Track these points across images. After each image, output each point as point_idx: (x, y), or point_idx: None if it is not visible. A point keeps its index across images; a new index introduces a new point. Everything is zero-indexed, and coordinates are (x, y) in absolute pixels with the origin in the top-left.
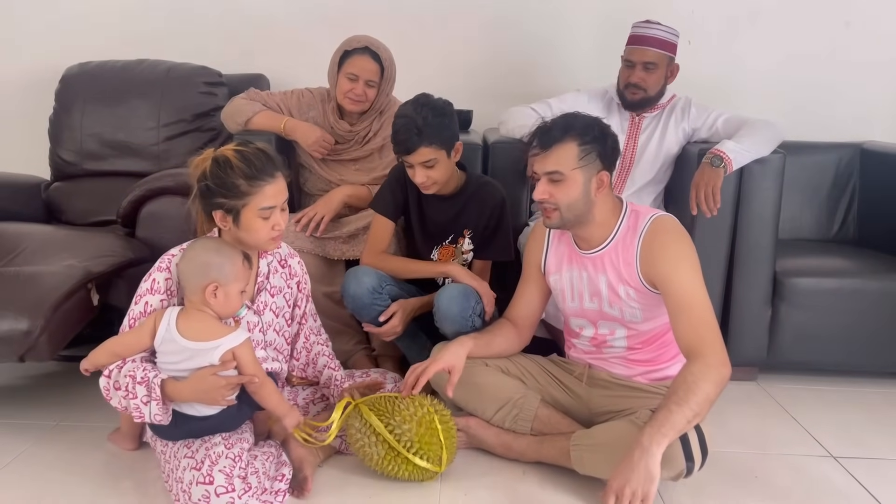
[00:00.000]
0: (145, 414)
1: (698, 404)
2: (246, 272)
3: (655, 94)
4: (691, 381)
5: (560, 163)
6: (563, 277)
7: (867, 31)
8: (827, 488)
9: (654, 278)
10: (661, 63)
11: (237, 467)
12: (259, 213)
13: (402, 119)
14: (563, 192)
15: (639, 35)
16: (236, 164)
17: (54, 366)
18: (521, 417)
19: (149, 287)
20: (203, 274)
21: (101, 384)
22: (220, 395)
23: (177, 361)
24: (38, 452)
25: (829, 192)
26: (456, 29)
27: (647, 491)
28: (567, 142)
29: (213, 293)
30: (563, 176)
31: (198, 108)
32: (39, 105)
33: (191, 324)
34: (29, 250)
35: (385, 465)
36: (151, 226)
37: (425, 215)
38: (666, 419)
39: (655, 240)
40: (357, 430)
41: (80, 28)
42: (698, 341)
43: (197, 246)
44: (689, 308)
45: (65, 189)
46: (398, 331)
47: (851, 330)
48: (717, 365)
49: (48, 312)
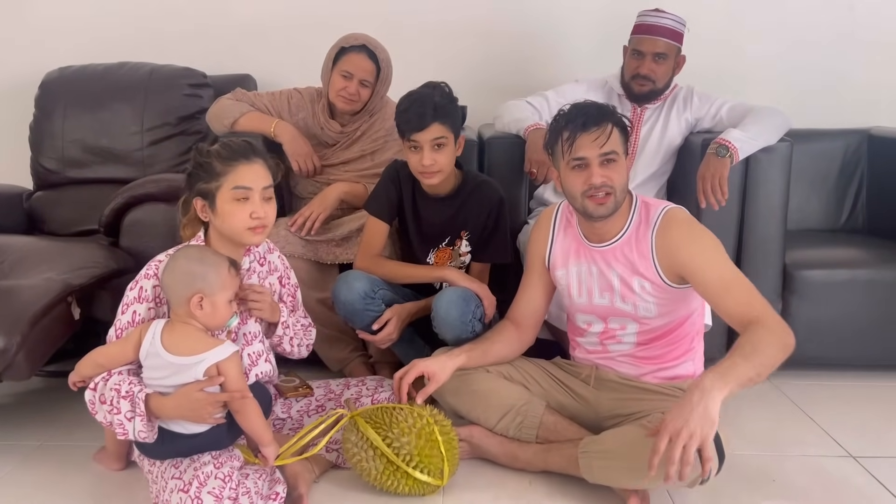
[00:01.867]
0: (129, 430)
1: (762, 365)
2: (233, 280)
3: (663, 85)
4: (757, 342)
5: (613, 143)
6: (571, 272)
7: (871, 13)
8: (847, 490)
9: (679, 270)
10: (670, 53)
11: (227, 488)
12: (232, 193)
13: (413, 96)
14: (618, 173)
15: (649, 24)
16: (215, 149)
17: (36, 383)
18: (526, 425)
19: (136, 295)
20: (187, 284)
21: (87, 397)
22: (206, 412)
23: (162, 377)
24: (22, 475)
25: (837, 180)
26: (449, 23)
27: (705, 434)
28: (612, 125)
29: (198, 304)
30: (618, 156)
31: (182, 110)
32: (19, 112)
33: (175, 338)
34: (7, 263)
35: (384, 480)
36: (135, 234)
37: (421, 216)
38: (730, 368)
39: (672, 231)
40: (354, 444)
41: (59, 32)
42: (753, 313)
43: (179, 255)
44: (731, 285)
45: (47, 198)
46: (393, 337)
47: (866, 323)
48: (781, 332)
49: (25, 328)
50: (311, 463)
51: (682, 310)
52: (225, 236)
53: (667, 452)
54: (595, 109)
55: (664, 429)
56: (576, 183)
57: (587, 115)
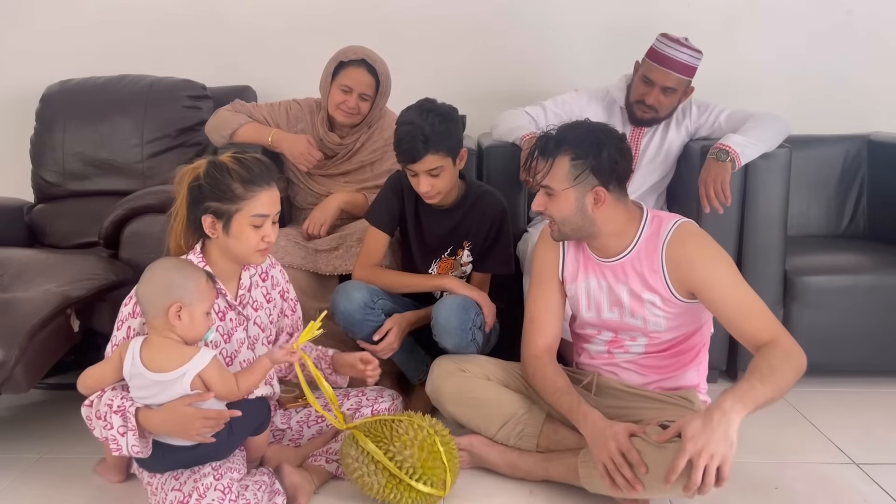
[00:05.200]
0: (122, 446)
1: (778, 388)
2: (210, 292)
3: (665, 115)
4: (775, 364)
5: (552, 178)
6: (580, 286)
7: (870, 17)
8: (850, 498)
9: (689, 286)
10: (679, 88)
11: (227, 499)
12: (251, 219)
13: (406, 126)
14: (555, 207)
15: (664, 56)
16: (233, 167)
17: (36, 395)
18: (527, 434)
19: (130, 311)
20: (165, 294)
21: (84, 414)
22: (194, 428)
23: (150, 395)
24: (21, 488)
25: (837, 186)
26: (448, 32)
27: (724, 455)
28: (560, 156)
29: (176, 314)
30: (553, 192)
31: (182, 122)
32: (20, 125)
33: (153, 352)
34: (7, 276)
35: (386, 493)
36: (135, 246)
37: (423, 227)
38: (749, 391)
39: (685, 246)
40: (354, 458)
41: (59, 45)
42: (768, 336)
43: (155, 266)
44: (745, 308)
45: (48, 211)
46: (394, 347)
47: (868, 328)
48: (797, 355)
49: (24, 341)
50: (311, 474)
51: (692, 324)
52: (229, 254)
53: (686, 470)
54: (548, 141)
55: (684, 448)
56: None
57: (541, 145)
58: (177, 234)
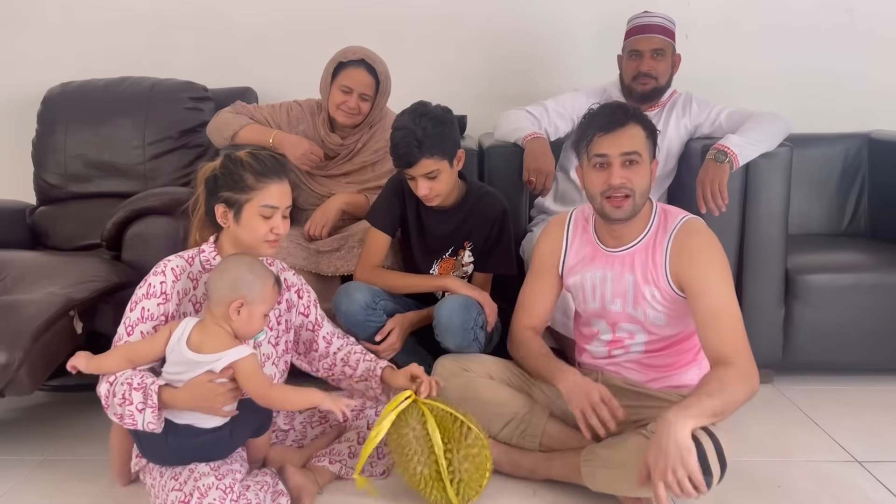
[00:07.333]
0: (138, 421)
1: (726, 403)
2: (274, 297)
3: (665, 82)
4: (725, 381)
5: (636, 143)
6: (585, 278)
7: (870, 15)
8: (853, 495)
9: (682, 281)
10: (667, 50)
11: (228, 499)
12: (261, 209)
13: (400, 131)
14: (640, 175)
15: (641, 24)
16: (248, 160)
17: (39, 397)
18: (529, 433)
19: (144, 292)
20: (232, 288)
21: (102, 391)
22: (219, 402)
23: (178, 372)
24: (25, 490)
25: (838, 185)
26: (449, 33)
27: (686, 462)
28: (634, 125)
29: (237, 309)
30: (640, 157)
31: (184, 124)
32: (22, 128)
33: (205, 336)
34: (9, 279)
35: (420, 483)
36: (137, 247)
37: (425, 228)
38: (695, 403)
39: (687, 242)
40: (415, 438)
41: (60, 48)
42: (730, 352)
43: (232, 259)
44: (721, 318)
45: (50, 213)
46: (396, 348)
47: (869, 326)
48: (749, 377)
49: (27, 343)
50: (315, 475)
51: (691, 322)
52: (240, 243)
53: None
54: (621, 109)
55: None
56: (596, 182)
57: (613, 113)
58: (196, 228)
